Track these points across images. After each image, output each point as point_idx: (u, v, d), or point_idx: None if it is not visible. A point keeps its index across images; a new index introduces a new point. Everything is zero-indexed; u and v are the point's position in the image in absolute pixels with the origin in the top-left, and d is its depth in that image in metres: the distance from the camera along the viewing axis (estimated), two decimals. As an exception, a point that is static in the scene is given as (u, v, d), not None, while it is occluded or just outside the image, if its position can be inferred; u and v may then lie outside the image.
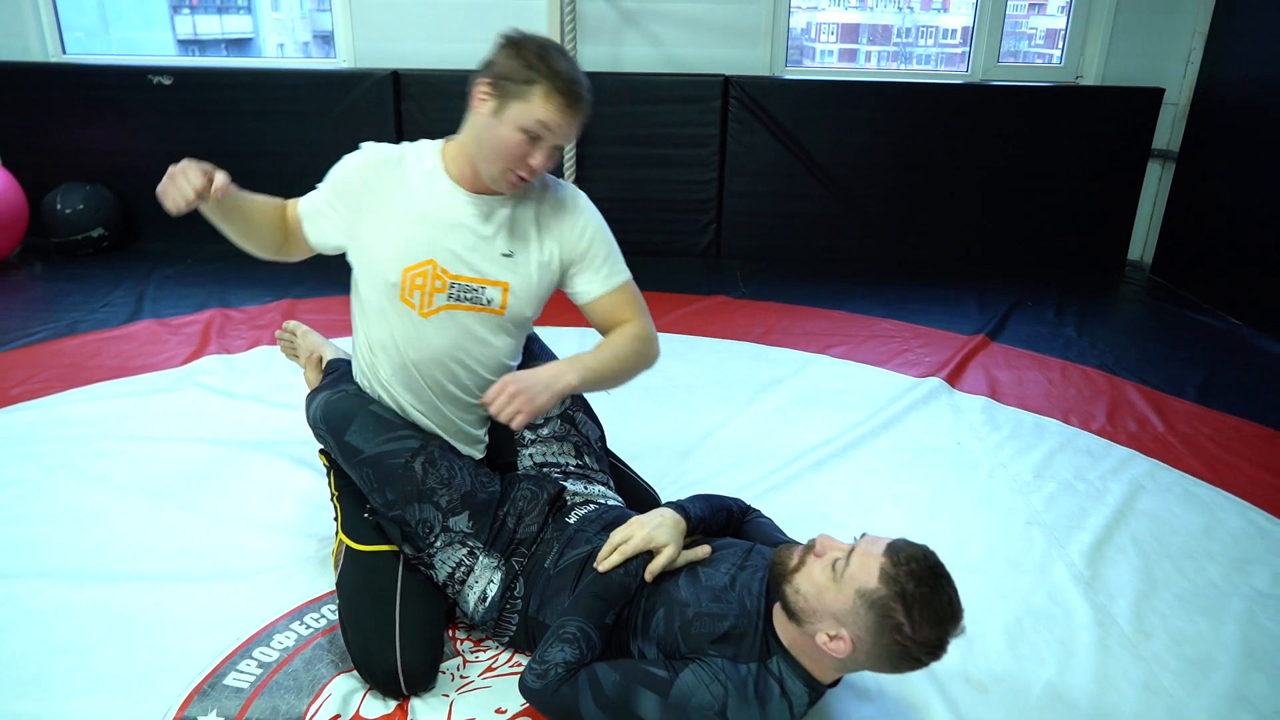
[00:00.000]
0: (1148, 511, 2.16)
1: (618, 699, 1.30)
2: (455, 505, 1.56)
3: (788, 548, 1.36)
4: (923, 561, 1.23)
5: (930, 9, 5.39)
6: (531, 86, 1.47)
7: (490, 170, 1.54)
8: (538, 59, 1.48)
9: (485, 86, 1.51)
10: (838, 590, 1.25)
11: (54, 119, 4.04)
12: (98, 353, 2.92)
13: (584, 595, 1.43)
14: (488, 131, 1.51)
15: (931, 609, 1.20)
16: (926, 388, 2.78)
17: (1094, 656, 1.66)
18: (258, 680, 1.54)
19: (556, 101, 1.48)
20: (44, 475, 2.17)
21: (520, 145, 1.49)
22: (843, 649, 1.24)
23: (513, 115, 1.48)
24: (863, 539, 1.30)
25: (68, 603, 1.72)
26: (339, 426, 1.63)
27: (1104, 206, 4.15)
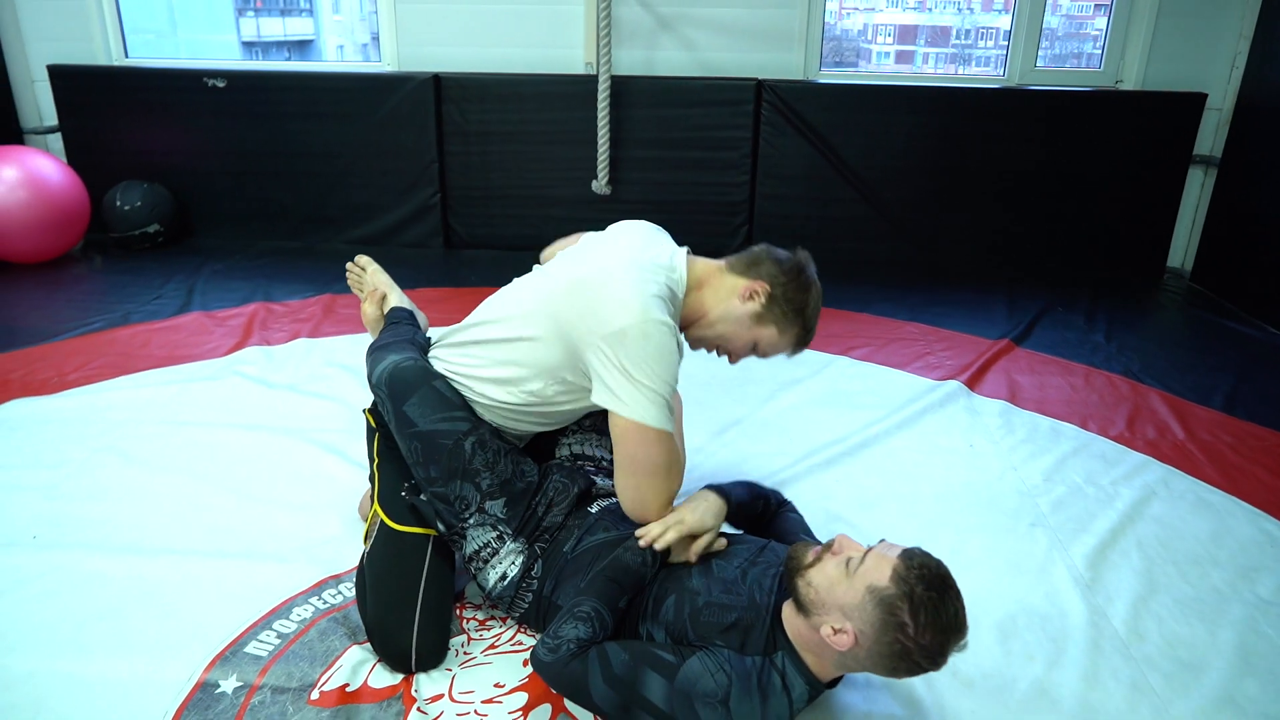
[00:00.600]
0: (1157, 517, 2.16)
1: (625, 678, 1.36)
2: (494, 490, 1.63)
3: (805, 544, 1.42)
4: (935, 570, 1.29)
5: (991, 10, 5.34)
6: (792, 327, 1.65)
7: (706, 340, 1.69)
8: (812, 308, 1.67)
9: (766, 292, 1.63)
10: (849, 585, 1.31)
11: (115, 120, 4.25)
12: (148, 342, 3.08)
13: (599, 577, 1.49)
14: (735, 323, 1.64)
15: (937, 615, 1.25)
16: (945, 390, 2.80)
17: (1084, 656, 1.68)
18: (276, 649, 1.64)
19: (794, 347, 1.69)
20: (90, 455, 2.32)
21: (743, 350, 1.68)
22: (846, 642, 1.30)
23: (764, 334, 1.65)
24: (880, 543, 1.36)
25: (105, 573, 1.85)
26: (400, 394, 1.68)
27: (1143, 213, 4.10)
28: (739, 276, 1.66)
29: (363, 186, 4.28)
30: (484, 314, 1.76)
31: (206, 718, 1.49)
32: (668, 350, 1.50)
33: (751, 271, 1.66)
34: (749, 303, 1.63)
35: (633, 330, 1.49)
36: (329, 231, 4.35)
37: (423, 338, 1.93)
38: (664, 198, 4.15)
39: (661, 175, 4.14)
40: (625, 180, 4.13)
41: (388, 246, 4.29)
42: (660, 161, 4.12)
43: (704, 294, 1.65)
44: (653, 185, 4.15)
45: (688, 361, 2.77)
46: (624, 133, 4.05)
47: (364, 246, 4.27)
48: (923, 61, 5.41)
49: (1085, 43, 4.68)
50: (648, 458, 1.51)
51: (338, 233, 4.35)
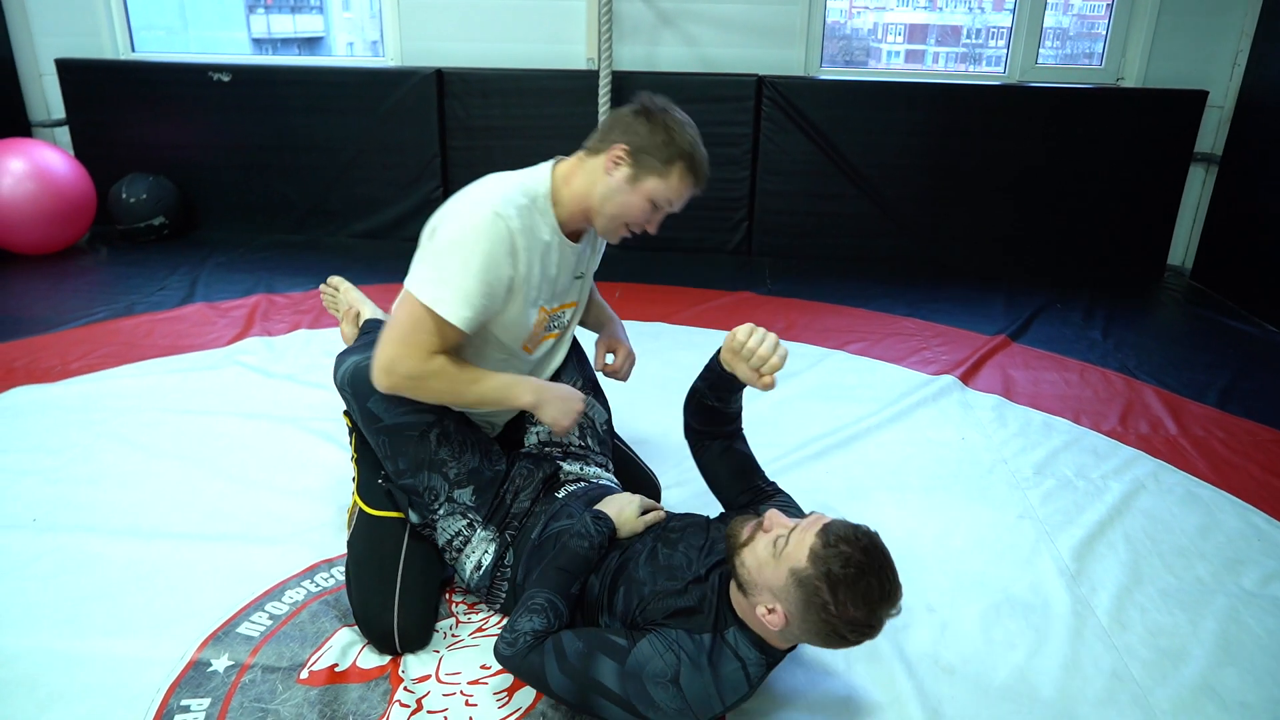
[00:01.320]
0: (1145, 510, 2.17)
1: (579, 665, 1.38)
2: (462, 479, 1.66)
3: (741, 520, 1.43)
4: (854, 543, 1.28)
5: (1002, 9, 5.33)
6: (671, 166, 1.58)
7: (607, 226, 1.66)
8: (679, 136, 1.58)
9: (623, 153, 1.59)
10: (775, 566, 1.32)
11: (122, 114, 4.29)
12: (151, 332, 3.12)
13: (549, 568, 1.52)
14: (617, 195, 1.61)
15: (857, 590, 1.25)
16: (939, 385, 2.81)
17: (1065, 645, 1.69)
18: (267, 630, 1.67)
19: (690, 181, 1.61)
20: (93, 441, 2.35)
21: (645, 213, 1.63)
22: (778, 622, 1.32)
23: (647, 188, 1.59)
24: (809, 517, 1.36)
25: (104, 555, 1.88)
26: (364, 392, 1.70)
27: (1144, 210, 4.10)
28: (597, 155, 1.63)
29: (366, 181, 4.32)
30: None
31: (198, 695, 1.52)
32: (484, 228, 1.51)
33: (605, 142, 1.62)
34: (617, 170, 1.60)
35: (447, 221, 1.55)
36: (332, 225, 4.38)
37: None
38: (665, 193, 4.16)
39: (662, 170, 4.15)
40: (626, 175, 4.14)
41: (390, 240, 4.33)
42: (661, 157, 4.13)
43: (576, 186, 1.64)
44: (653, 180, 4.16)
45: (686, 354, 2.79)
46: (625, 128, 4.06)
47: (367, 240, 4.33)
48: (933, 60, 5.41)
49: (1096, 43, 4.68)
50: (396, 320, 1.56)
51: (341, 226, 4.38)
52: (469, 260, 1.52)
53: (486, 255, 1.52)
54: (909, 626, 1.73)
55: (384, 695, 1.53)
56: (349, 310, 2.22)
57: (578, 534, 1.54)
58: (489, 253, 1.52)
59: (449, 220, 1.56)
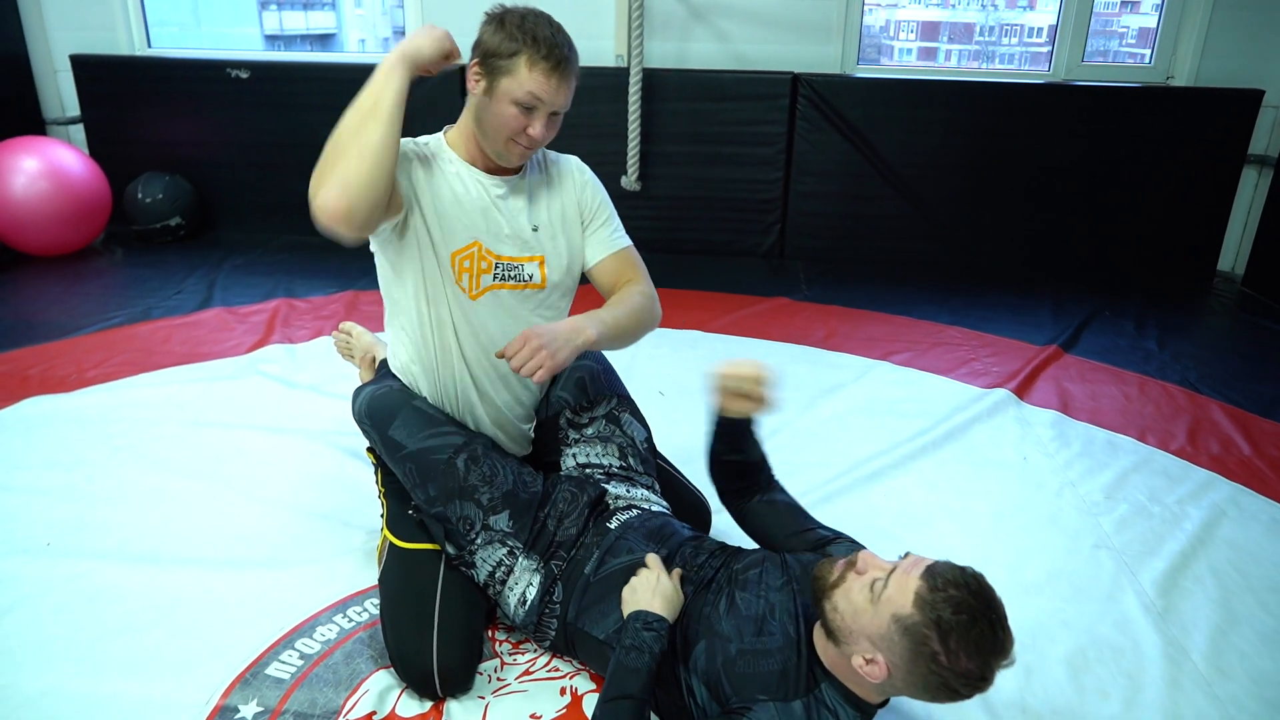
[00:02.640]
0: (1229, 540, 2.03)
1: None
2: (496, 504, 1.54)
3: (829, 562, 1.30)
4: (964, 587, 1.15)
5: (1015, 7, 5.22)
6: (515, 59, 1.50)
7: (495, 146, 1.57)
8: (518, 29, 1.50)
9: (475, 67, 1.54)
10: (874, 613, 1.19)
11: (138, 111, 4.18)
12: (168, 339, 3.01)
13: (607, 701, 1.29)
14: (484, 111, 1.55)
15: (970, 639, 1.12)
16: (993, 399, 2.68)
17: (1163, 695, 1.56)
18: (298, 671, 1.55)
19: (540, 68, 1.50)
20: (110, 456, 2.24)
21: (516, 118, 1.52)
22: (878, 674, 1.19)
23: (503, 90, 1.51)
24: (905, 559, 1.23)
25: (122, 585, 1.76)
26: (383, 421, 1.64)
27: (1194, 214, 3.94)
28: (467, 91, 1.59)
29: (387, 180, 4.19)
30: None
31: (226, 747, 1.40)
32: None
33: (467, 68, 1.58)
34: (477, 86, 1.55)
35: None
36: (352, 226, 4.26)
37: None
38: (696, 194, 4.04)
39: (693, 171, 4.02)
40: (656, 176, 4.01)
41: (412, 242, 4.20)
42: (692, 157, 4.01)
43: (461, 125, 1.64)
44: (684, 181, 4.04)
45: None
46: (655, 127, 3.93)
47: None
48: (945, 58, 5.30)
49: (1112, 40, 4.55)
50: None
51: (361, 227, 4.26)
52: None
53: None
54: (991, 672, 1.59)
55: (427, 748, 1.41)
56: (365, 355, 2.13)
57: (634, 647, 1.31)
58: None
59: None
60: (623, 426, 1.77)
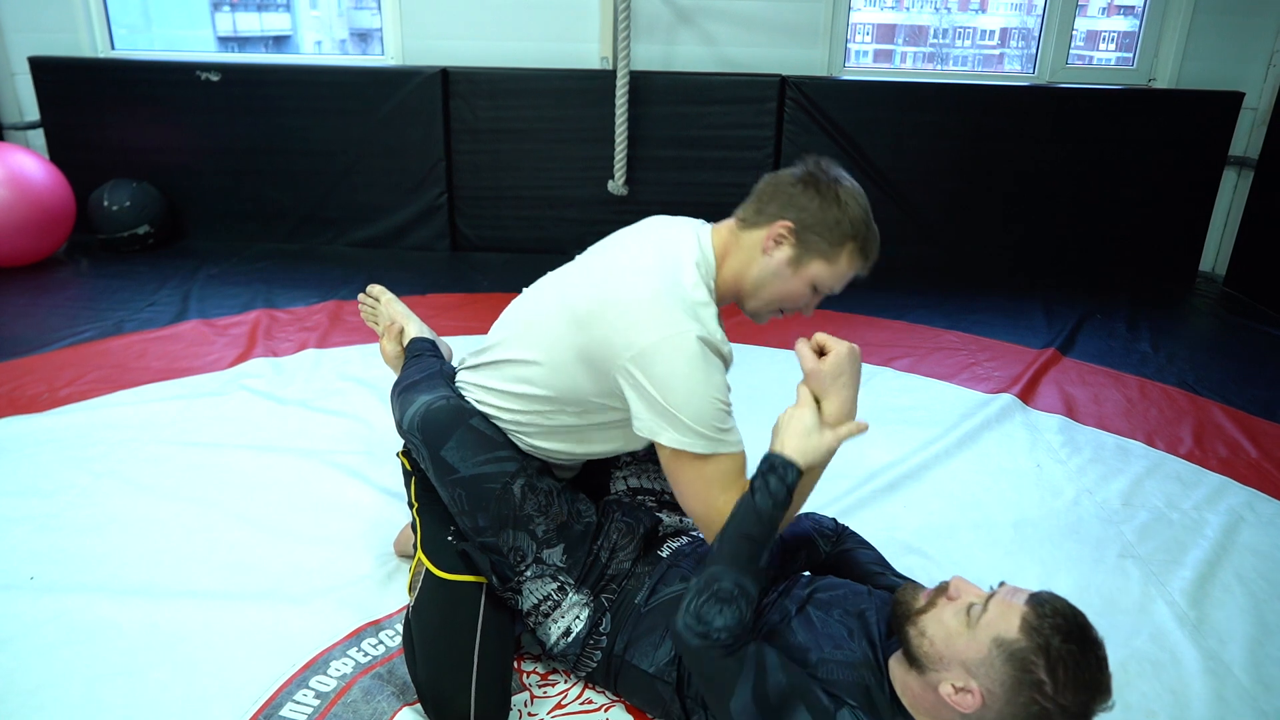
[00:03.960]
0: (1251, 547, 2.01)
1: (776, 702, 1.17)
2: (551, 537, 1.45)
3: (914, 587, 1.24)
4: (1072, 618, 1.11)
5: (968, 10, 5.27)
6: (840, 248, 1.38)
7: (760, 310, 1.47)
8: (854, 214, 1.37)
9: (785, 231, 1.38)
10: (971, 637, 1.13)
11: (102, 115, 4.01)
12: (144, 353, 2.87)
13: (729, 537, 1.26)
14: (776, 279, 1.41)
15: (1079, 671, 1.08)
16: (999, 404, 2.65)
17: (1210, 711, 1.53)
18: (315, 712, 1.46)
19: (859, 263, 1.41)
20: (92, 481, 2.12)
21: (805, 298, 1.43)
22: (970, 704, 1.13)
23: (811, 272, 1.39)
24: (1002, 586, 1.18)
25: (116, 621, 1.65)
26: (436, 439, 1.51)
27: (1176, 215, 3.98)
28: (755, 229, 1.41)
29: (366, 186, 4.08)
30: (499, 331, 1.58)
31: (244, 800, 1.30)
32: (699, 363, 1.29)
33: (764, 215, 1.40)
34: (778, 250, 1.39)
35: (656, 349, 1.29)
36: (330, 233, 4.14)
37: (450, 369, 1.74)
38: (683, 199, 3.97)
39: (681, 175, 3.97)
40: (643, 181, 3.95)
41: (392, 249, 4.09)
42: (680, 161, 3.95)
43: (732, 264, 1.43)
44: (672, 186, 3.98)
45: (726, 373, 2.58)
46: (642, 131, 3.87)
47: (367, 249, 4.09)
48: (900, 60, 5.33)
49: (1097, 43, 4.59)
50: (698, 485, 1.34)
51: (339, 235, 4.14)
52: (708, 399, 1.30)
53: (719, 385, 1.32)
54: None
55: (461, 793, 1.32)
56: (391, 325, 1.95)
57: (755, 487, 1.27)
58: (719, 383, 1.32)
59: (660, 361, 1.29)
60: None
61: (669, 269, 1.37)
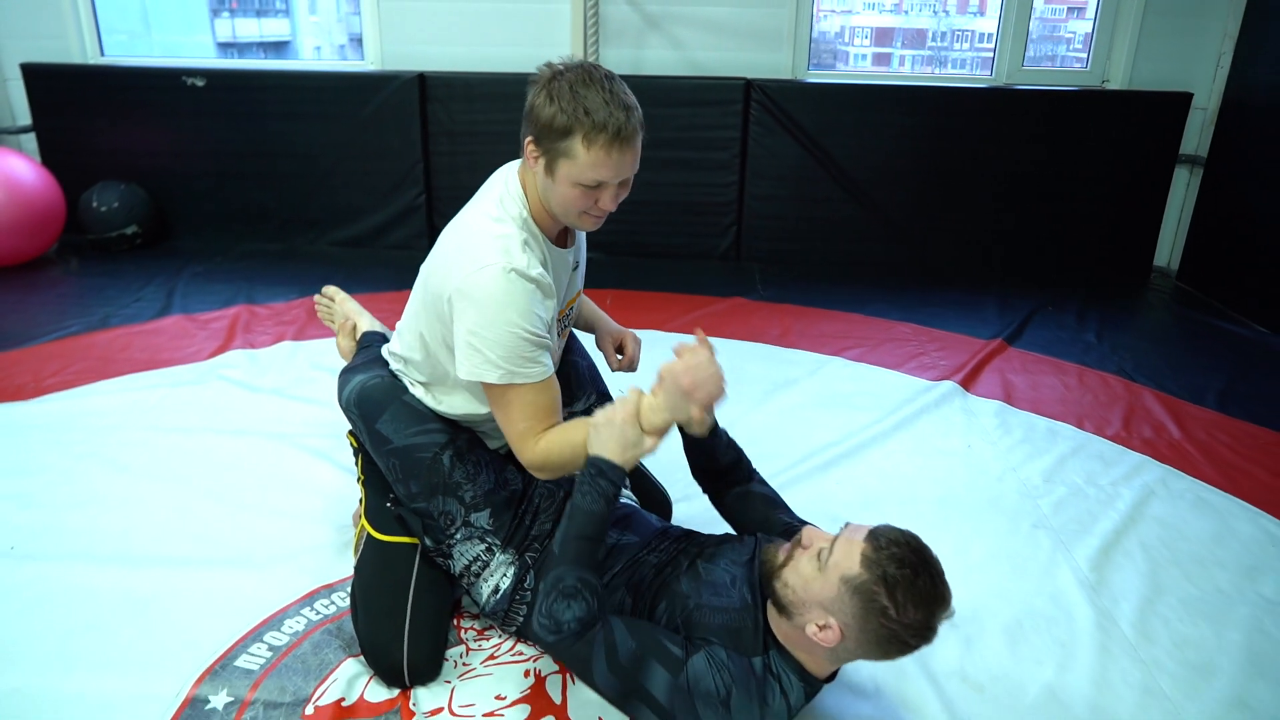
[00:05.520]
0: (1158, 518, 2.15)
1: (630, 667, 1.32)
2: (478, 502, 1.59)
3: (775, 546, 1.38)
4: (904, 545, 1.25)
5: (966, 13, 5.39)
6: (571, 140, 1.38)
7: (568, 220, 1.52)
8: (569, 101, 1.37)
9: (531, 146, 1.44)
10: (823, 580, 1.27)
11: (91, 119, 4.16)
12: (128, 346, 3.01)
13: (568, 540, 1.39)
14: (549, 191, 1.46)
15: (915, 590, 1.22)
16: (940, 391, 2.78)
17: (1093, 659, 1.66)
18: (267, 662, 1.59)
19: (599, 145, 1.38)
20: (73, 463, 2.25)
21: (584, 196, 1.44)
22: (832, 638, 1.26)
23: (565, 173, 1.41)
24: (846, 528, 1.32)
25: (90, 584, 1.78)
26: (371, 414, 1.65)
27: (1130, 212, 4.11)
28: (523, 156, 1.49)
29: (346, 188, 4.22)
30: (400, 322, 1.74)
31: (198, 735, 1.43)
32: (501, 294, 1.40)
33: (522, 140, 1.46)
34: (537, 166, 1.44)
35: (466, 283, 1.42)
36: (312, 234, 4.28)
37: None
38: (652, 198, 4.10)
39: (650, 175, 4.04)
40: (613, 180, 4.08)
41: (371, 249, 4.23)
42: (648, 161, 3.98)
43: (530, 191, 1.51)
44: (641, 185, 4.00)
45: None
46: (612, 132, 4.00)
47: (348, 249, 4.23)
48: (899, 64, 5.44)
49: (1060, 45, 4.71)
50: (501, 413, 1.48)
51: (321, 235, 4.28)
52: (513, 327, 1.41)
53: (526, 313, 1.42)
54: (934, 645, 1.66)
55: (396, 731, 1.46)
56: (345, 322, 2.12)
57: (585, 491, 1.40)
58: (527, 311, 1.42)
59: (470, 293, 1.42)
60: None
61: (481, 211, 1.51)
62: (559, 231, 1.57)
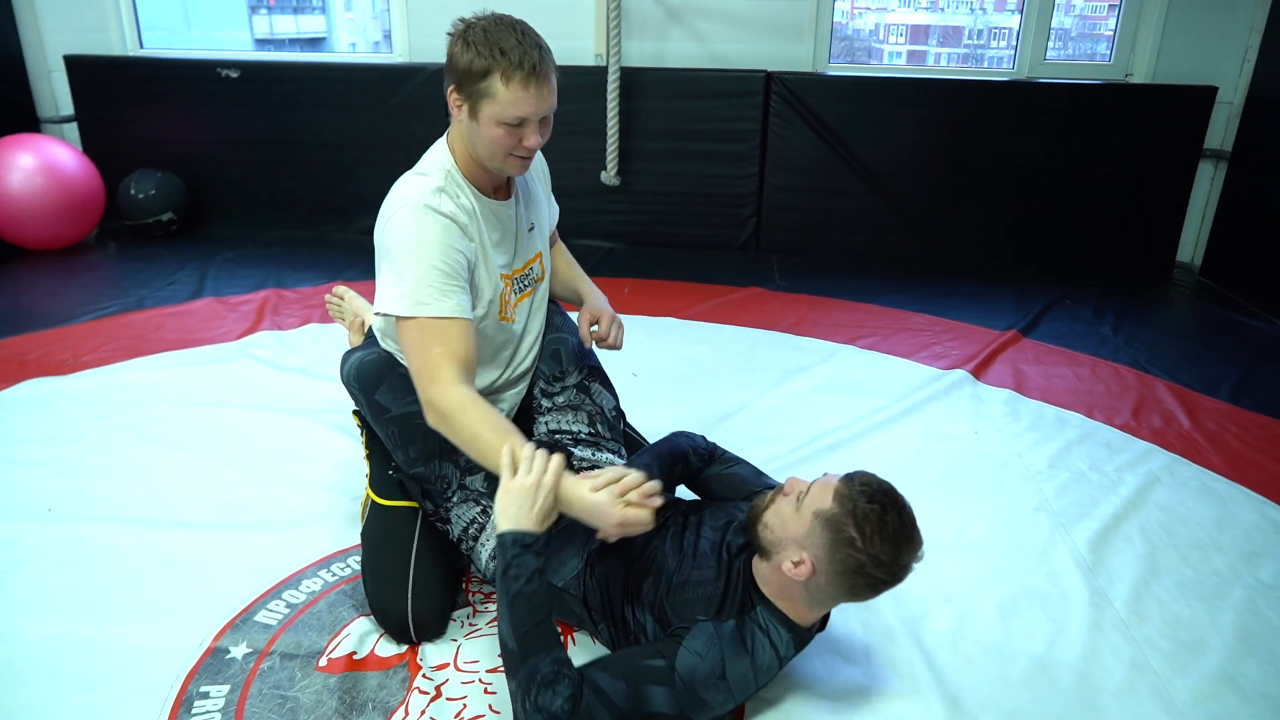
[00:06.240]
0: (1160, 503, 2.16)
1: (630, 706, 1.31)
2: (473, 465, 1.65)
3: (762, 495, 1.44)
4: (875, 485, 1.32)
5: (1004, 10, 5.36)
6: (490, 79, 1.45)
7: (495, 164, 1.58)
8: (484, 45, 1.45)
9: (453, 93, 1.52)
10: (798, 517, 1.35)
11: (130, 110, 4.29)
12: (161, 326, 3.12)
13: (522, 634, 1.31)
14: (475, 135, 1.53)
15: (883, 525, 1.28)
16: (950, 379, 2.81)
17: (1084, 635, 1.69)
18: (285, 618, 1.67)
19: (517, 82, 1.45)
20: (106, 434, 2.35)
21: (509, 135, 1.50)
22: (804, 572, 1.33)
23: (487, 114, 1.48)
24: (824, 475, 1.38)
25: (121, 544, 1.88)
26: (370, 385, 1.74)
27: (1153, 207, 4.09)
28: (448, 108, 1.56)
29: (373, 177, 4.28)
30: None
31: (217, 681, 1.52)
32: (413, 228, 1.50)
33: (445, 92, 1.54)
34: (461, 113, 1.52)
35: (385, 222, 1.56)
36: (339, 221, 4.38)
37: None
38: (673, 189, 4.17)
39: (670, 167, 4.16)
40: (634, 172, 4.14)
41: (398, 236, 4.32)
42: (669, 153, 4.14)
43: (458, 144, 1.59)
44: (662, 177, 4.17)
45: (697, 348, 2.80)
46: (633, 124, 4.07)
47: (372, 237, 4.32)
48: (934, 61, 5.43)
49: (1099, 43, 4.68)
50: (406, 346, 1.53)
51: (348, 223, 4.38)
52: (422, 256, 1.50)
53: (437, 244, 1.51)
54: (926, 617, 1.72)
55: (403, 683, 1.53)
56: (354, 319, 2.25)
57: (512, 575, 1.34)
58: (438, 241, 1.51)
59: (386, 233, 1.55)
60: (592, 395, 1.89)
61: (411, 172, 1.63)
62: (494, 185, 1.65)
